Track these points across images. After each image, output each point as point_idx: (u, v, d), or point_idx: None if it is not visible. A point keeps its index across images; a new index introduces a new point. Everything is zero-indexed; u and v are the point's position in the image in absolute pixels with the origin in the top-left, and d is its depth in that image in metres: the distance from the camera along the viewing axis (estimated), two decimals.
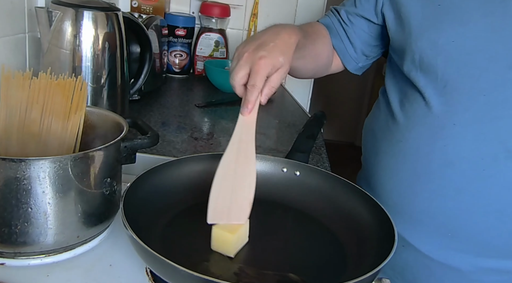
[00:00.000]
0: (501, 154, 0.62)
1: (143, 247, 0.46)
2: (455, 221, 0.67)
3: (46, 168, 0.49)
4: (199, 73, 1.54)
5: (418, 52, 0.69)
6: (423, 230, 0.70)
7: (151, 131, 0.62)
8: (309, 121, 0.84)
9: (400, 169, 0.72)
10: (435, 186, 0.67)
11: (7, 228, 0.50)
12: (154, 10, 1.43)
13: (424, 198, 0.69)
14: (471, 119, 0.64)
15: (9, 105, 0.56)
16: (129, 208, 0.53)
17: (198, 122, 1.10)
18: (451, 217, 0.67)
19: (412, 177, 0.70)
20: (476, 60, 0.64)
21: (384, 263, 0.48)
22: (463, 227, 0.67)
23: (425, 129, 0.68)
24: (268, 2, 1.53)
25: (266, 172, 0.70)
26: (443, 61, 0.66)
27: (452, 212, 0.67)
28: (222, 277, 0.48)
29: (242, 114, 0.58)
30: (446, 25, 0.66)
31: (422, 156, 0.68)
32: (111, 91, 0.88)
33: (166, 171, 0.65)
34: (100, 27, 0.83)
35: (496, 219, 0.65)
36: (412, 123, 0.71)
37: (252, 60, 0.59)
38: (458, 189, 0.66)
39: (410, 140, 0.70)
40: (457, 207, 0.66)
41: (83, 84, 0.58)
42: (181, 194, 0.65)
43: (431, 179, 0.68)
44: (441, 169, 0.66)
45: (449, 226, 0.68)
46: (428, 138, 0.68)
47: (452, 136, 0.65)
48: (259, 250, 0.57)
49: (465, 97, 0.65)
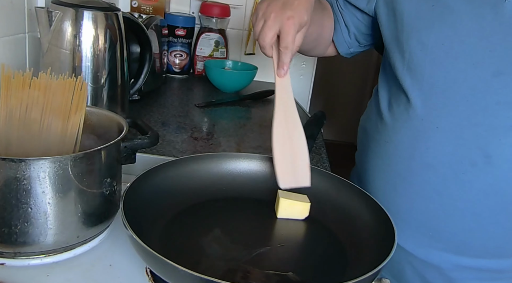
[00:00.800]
0: (480, 160, 0.63)
1: (143, 247, 0.46)
2: (435, 222, 0.69)
3: (46, 168, 0.49)
4: (199, 73, 1.54)
5: (408, 51, 0.69)
6: (406, 228, 0.71)
7: (151, 131, 0.62)
8: (308, 121, 0.84)
9: (386, 169, 0.74)
10: (416, 187, 0.69)
11: (7, 228, 0.50)
12: (154, 10, 1.43)
13: (406, 198, 0.71)
14: (453, 123, 0.65)
15: (9, 105, 0.56)
16: (129, 208, 0.53)
17: (198, 122, 1.10)
18: (431, 218, 0.69)
19: (396, 178, 0.72)
20: (461, 64, 0.64)
21: (384, 263, 0.48)
22: (443, 227, 0.69)
23: (409, 131, 0.70)
24: None
25: (266, 171, 0.70)
26: (431, 63, 0.66)
27: (432, 213, 0.69)
28: (222, 277, 0.48)
29: (279, 76, 0.62)
30: (437, 26, 0.66)
31: (406, 158, 0.70)
32: (111, 91, 0.88)
33: (166, 171, 0.65)
34: (100, 27, 0.83)
35: (473, 222, 0.66)
36: (397, 124, 0.72)
37: (281, 20, 0.59)
38: (438, 191, 0.67)
39: (395, 141, 0.72)
40: (436, 208, 0.68)
41: (83, 84, 0.58)
42: (181, 194, 0.65)
43: (413, 181, 0.69)
44: (422, 172, 0.68)
45: (430, 226, 0.70)
46: (412, 140, 0.69)
47: (434, 139, 0.66)
48: (258, 250, 0.57)
49: (449, 101, 0.65)
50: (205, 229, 0.59)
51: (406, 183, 0.70)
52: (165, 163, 0.65)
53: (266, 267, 0.53)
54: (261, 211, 0.66)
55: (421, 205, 0.69)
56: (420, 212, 0.70)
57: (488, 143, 0.63)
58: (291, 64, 0.64)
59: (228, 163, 0.70)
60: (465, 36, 0.64)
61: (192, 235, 0.58)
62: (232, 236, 0.59)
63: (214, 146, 0.94)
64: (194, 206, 0.64)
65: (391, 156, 0.72)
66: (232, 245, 0.57)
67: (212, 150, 0.92)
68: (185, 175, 0.67)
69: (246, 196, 0.68)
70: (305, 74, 1.59)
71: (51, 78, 0.57)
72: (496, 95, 0.62)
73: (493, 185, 0.64)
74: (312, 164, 0.91)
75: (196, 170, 0.68)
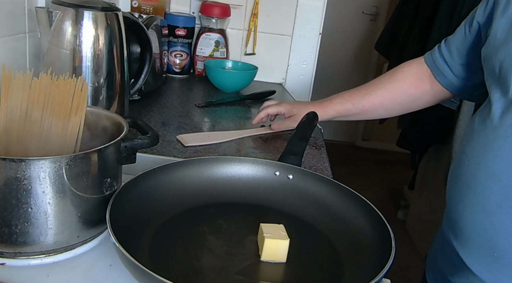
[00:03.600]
0: None
1: (130, 261, 0.45)
2: (499, 240, 0.63)
3: (46, 168, 0.49)
4: (199, 73, 1.54)
5: (498, 64, 0.66)
6: (471, 246, 0.66)
7: (151, 131, 0.62)
8: (301, 122, 0.83)
9: (458, 181, 0.70)
10: (480, 199, 0.64)
11: (7, 228, 0.50)
12: (154, 10, 1.43)
13: (470, 211, 0.66)
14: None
15: (9, 106, 0.56)
16: (116, 217, 0.51)
17: (198, 122, 1.10)
18: (493, 235, 0.63)
19: (463, 189, 0.68)
20: None
21: (383, 274, 0.47)
22: (506, 247, 0.62)
23: (481, 140, 0.66)
24: (268, 2, 1.53)
25: (258, 176, 0.69)
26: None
27: (494, 229, 0.63)
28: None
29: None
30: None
31: (473, 168, 0.66)
32: (111, 91, 0.88)
33: (155, 177, 0.63)
34: (100, 27, 0.83)
35: None
36: (473, 134, 0.69)
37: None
38: (500, 205, 0.62)
39: (467, 151, 0.68)
40: (498, 224, 0.62)
41: (83, 85, 0.58)
42: (171, 200, 0.63)
43: (477, 192, 0.65)
44: (486, 182, 0.64)
45: (493, 244, 0.63)
46: (481, 149, 0.65)
47: (502, 148, 0.62)
48: (251, 260, 0.56)
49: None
50: (196, 237, 0.58)
51: (472, 194, 0.66)
52: (154, 169, 0.63)
53: (258, 276, 0.53)
54: (252, 216, 0.64)
55: (484, 220, 0.64)
56: (483, 227, 0.64)
57: None
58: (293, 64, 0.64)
59: (219, 168, 0.69)
60: None
61: (182, 244, 0.57)
62: (224, 244, 0.58)
63: (214, 146, 0.94)
64: (184, 213, 0.63)
65: (462, 166, 0.68)
66: (223, 254, 0.56)
67: (212, 150, 0.92)
68: (174, 180, 0.65)
69: (238, 201, 0.67)
70: (305, 74, 1.59)
71: (51, 78, 0.57)
72: None
73: None
74: (312, 164, 0.91)
75: (186, 175, 0.66)
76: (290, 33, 1.56)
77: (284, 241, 0.55)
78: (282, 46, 1.57)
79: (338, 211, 0.63)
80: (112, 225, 0.49)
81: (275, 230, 0.56)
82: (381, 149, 3.85)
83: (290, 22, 1.55)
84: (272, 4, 1.54)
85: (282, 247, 0.55)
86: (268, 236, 0.55)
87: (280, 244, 0.55)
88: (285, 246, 0.55)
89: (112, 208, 0.53)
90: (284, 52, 1.58)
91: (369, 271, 0.49)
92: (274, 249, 0.55)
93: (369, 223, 0.59)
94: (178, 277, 0.49)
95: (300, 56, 1.58)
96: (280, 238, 0.55)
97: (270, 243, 0.55)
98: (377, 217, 0.58)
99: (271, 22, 1.56)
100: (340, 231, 0.61)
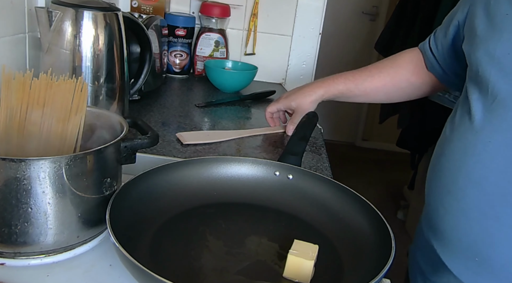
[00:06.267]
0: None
1: (130, 261, 0.45)
2: (480, 246, 0.62)
3: (46, 168, 0.49)
4: (199, 73, 1.54)
5: (475, 63, 0.65)
6: (452, 249, 0.66)
7: (151, 131, 0.62)
8: (301, 122, 0.83)
9: (438, 184, 0.69)
10: (462, 204, 0.63)
11: (7, 228, 0.50)
12: (154, 10, 1.43)
13: (452, 216, 0.65)
14: (507, 139, 0.59)
15: (9, 106, 0.56)
16: (116, 217, 0.51)
17: (198, 122, 1.10)
18: (475, 240, 0.62)
19: (444, 193, 0.67)
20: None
21: (383, 274, 0.47)
22: (489, 254, 0.61)
23: (461, 144, 0.65)
24: (268, 2, 1.53)
25: (258, 176, 0.69)
26: (496, 74, 0.61)
27: (476, 235, 0.62)
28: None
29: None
30: (505, 35, 0.61)
31: (454, 172, 0.65)
32: (111, 91, 0.88)
33: (154, 177, 0.63)
34: (100, 27, 0.83)
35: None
36: (452, 136, 0.68)
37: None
38: (483, 212, 0.61)
39: (448, 154, 0.67)
40: (482, 231, 0.61)
41: (83, 85, 0.58)
42: (170, 200, 0.63)
43: (458, 197, 0.64)
44: (468, 188, 0.63)
45: (475, 250, 0.63)
46: (462, 153, 0.64)
47: (484, 154, 0.61)
48: (251, 260, 0.56)
49: (508, 115, 0.60)
50: (196, 237, 0.58)
51: (453, 199, 0.65)
52: (154, 169, 0.63)
53: (258, 277, 0.52)
54: (252, 216, 0.65)
55: (466, 225, 0.63)
56: (464, 232, 0.63)
57: None
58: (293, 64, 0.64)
59: (219, 168, 0.69)
60: None
61: (182, 244, 0.57)
62: (224, 244, 0.58)
63: (214, 146, 0.94)
64: (184, 213, 0.63)
65: (442, 169, 0.68)
66: (223, 254, 0.56)
67: (212, 150, 0.92)
68: (174, 180, 0.65)
69: (238, 201, 0.67)
70: (305, 74, 1.59)
71: (51, 79, 0.57)
72: None
73: None
74: (312, 164, 0.91)
75: (185, 175, 0.66)
76: (290, 33, 1.56)
77: (308, 261, 0.52)
78: (282, 46, 1.57)
79: (338, 211, 0.63)
80: (112, 225, 0.49)
81: (305, 249, 0.54)
82: (381, 149, 3.85)
83: (290, 22, 1.55)
84: (272, 4, 1.54)
85: (305, 267, 0.52)
86: (294, 253, 0.52)
87: (304, 264, 0.52)
88: (309, 266, 0.52)
89: (112, 208, 0.53)
90: (284, 52, 1.58)
91: (369, 271, 0.49)
92: (296, 267, 0.52)
93: (369, 223, 0.59)
94: (178, 277, 0.49)
95: (300, 56, 1.58)
96: (304, 258, 0.52)
97: (293, 260, 0.52)
98: (377, 217, 0.58)
99: (271, 22, 1.56)
100: (340, 231, 0.61)
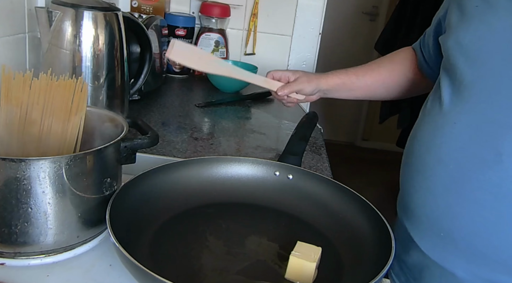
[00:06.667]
0: (490, 157, 0.61)
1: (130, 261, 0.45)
2: (444, 221, 0.66)
3: (46, 168, 0.49)
4: (199, 73, 1.54)
5: (446, 51, 0.69)
6: (420, 226, 0.70)
7: (151, 131, 0.62)
8: (300, 122, 0.83)
9: (409, 165, 0.73)
10: (429, 182, 0.68)
11: (7, 228, 0.50)
12: (154, 10, 1.43)
13: (420, 194, 0.69)
14: (470, 120, 0.64)
15: (9, 106, 0.56)
16: (116, 217, 0.52)
17: (198, 122, 1.10)
18: (440, 216, 0.67)
19: (414, 173, 0.71)
20: (492, 61, 0.63)
21: (383, 274, 0.47)
22: (452, 228, 0.65)
23: (430, 126, 0.69)
24: (268, 2, 1.53)
25: (258, 176, 0.69)
26: (464, 61, 0.65)
27: (441, 211, 0.66)
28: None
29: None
30: (473, 25, 0.65)
31: (423, 152, 0.69)
32: (111, 91, 0.88)
33: (155, 177, 0.63)
34: (100, 27, 0.83)
35: (482, 226, 0.61)
36: (424, 120, 0.72)
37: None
38: (446, 188, 0.65)
39: (418, 137, 0.71)
40: (445, 206, 0.66)
41: (83, 85, 0.58)
42: (170, 200, 0.63)
43: (426, 176, 0.68)
44: (434, 167, 0.67)
45: (440, 225, 0.66)
46: (430, 135, 0.68)
47: (449, 134, 0.66)
48: (250, 259, 0.56)
49: (472, 98, 0.64)
50: (196, 237, 0.58)
51: (421, 178, 0.69)
52: (154, 169, 0.63)
53: (258, 277, 0.52)
54: (252, 215, 0.65)
55: (432, 202, 0.67)
56: (430, 209, 0.68)
57: (501, 140, 0.60)
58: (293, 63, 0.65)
59: (219, 168, 0.69)
60: (500, 33, 0.62)
61: (182, 244, 0.57)
62: (224, 244, 0.58)
63: (214, 146, 0.94)
64: (184, 213, 0.63)
65: (413, 150, 0.72)
66: (223, 254, 0.56)
67: (212, 150, 0.92)
68: (174, 180, 0.65)
69: (238, 201, 0.67)
70: None
71: (51, 79, 0.57)
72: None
73: (501, 186, 0.60)
74: (312, 164, 0.91)
75: (185, 175, 0.66)
76: (290, 33, 1.56)
77: (310, 263, 0.52)
78: (282, 46, 1.57)
79: (338, 211, 0.63)
80: (112, 225, 0.49)
81: (308, 251, 0.54)
82: (381, 149, 3.85)
83: (290, 22, 1.55)
84: (272, 4, 1.54)
85: (307, 269, 0.52)
86: (296, 255, 0.52)
87: (306, 265, 0.52)
88: (311, 268, 0.52)
89: (112, 208, 0.53)
90: (284, 52, 1.58)
91: (369, 271, 0.49)
92: (298, 269, 0.52)
93: (369, 223, 0.59)
94: (178, 277, 0.49)
95: (300, 56, 1.58)
96: (307, 259, 0.52)
97: (296, 262, 0.52)
98: (377, 217, 0.58)
99: (271, 22, 1.56)
100: (340, 231, 0.61)
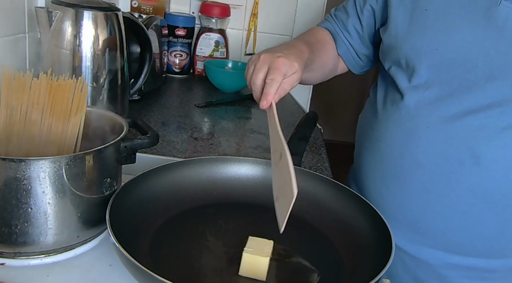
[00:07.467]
0: (468, 160, 0.65)
1: (130, 261, 0.45)
2: (424, 220, 0.71)
3: (46, 168, 0.49)
4: (199, 73, 1.54)
5: (403, 56, 0.71)
6: (397, 225, 0.70)
7: (151, 131, 0.62)
8: (301, 122, 0.83)
9: (378, 167, 0.75)
10: (407, 185, 0.71)
11: (7, 228, 0.50)
12: (154, 10, 1.43)
13: (397, 196, 0.72)
14: (443, 124, 0.66)
15: (9, 106, 0.56)
16: (116, 217, 0.51)
17: (198, 122, 1.10)
18: (420, 215, 0.71)
19: (388, 176, 0.73)
20: (456, 69, 0.66)
21: (383, 272, 0.47)
22: (431, 225, 0.70)
23: (401, 130, 0.71)
24: (268, 2, 1.53)
25: (258, 175, 0.69)
26: (426, 67, 0.68)
27: (421, 211, 0.71)
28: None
29: (261, 107, 0.58)
30: (430, 32, 0.67)
31: (397, 157, 0.72)
32: (111, 91, 0.88)
33: (154, 177, 0.63)
34: (100, 27, 0.83)
35: (461, 220, 0.68)
36: (389, 122, 0.73)
37: (271, 59, 0.60)
38: (426, 189, 0.69)
39: (387, 139, 0.73)
40: (425, 206, 0.70)
41: (83, 85, 0.58)
42: (170, 200, 0.63)
43: (403, 179, 0.71)
44: (412, 170, 0.70)
45: (419, 224, 0.71)
46: (403, 139, 0.71)
47: (424, 139, 0.68)
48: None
49: (441, 103, 0.67)
50: (196, 237, 0.58)
51: (397, 181, 0.72)
52: (154, 169, 0.63)
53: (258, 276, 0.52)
54: (252, 216, 0.64)
55: (411, 203, 0.71)
56: (409, 209, 0.71)
57: (477, 144, 0.64)
58: None
59: (219, 168, 0.69)
60: (460, 41, 0.65)
61: (182, 244, 0.57)
62: (224, 244, 0.58)
63: (214, 146, 0.94)
64: (184, 213, 0.63)
65: (383, 154, 0.74)
66: (223, 255, 0.56)
67: (212, 150, 0.92)
68: (174, 180, 0.65)
69: (238, 201, 0.67)
70: None
71: (51, 79, 0.57)
72: (489, 98, 0.64)
73: (480, 185, 0.65)
74: (312, 164, 0.91)
75: (185, 175, 0.66)
76: (290, 33, 1.56)
77: (263, 258, 0.51)
78: None
79: (338, 211, 0.64)
80: (112, 225, 0.49)
81: (261, 245, 0.53)
82: None
83: (290, 22, 1.55)
84: (272, 4, 1.54)
85: (261, 264, 0.51)
86: (249, 250, 0.52)
87: (259, 261, 0.51)
88: (265, 263, 0.51)
89: (112, 208, 0.53)
90: None
91: (369, 271, 0.49)
92: (252, 265, 0.52)
93: (369, 223, 0.59)
94: (178, 277, 0.48)
95: None
96: (260, 255, 0.51)
97: (249, 258, 0.52)
98: (377, 217, 0.58)
99: (271, 22, 1.56)
100: (340, 231, 0.61)
